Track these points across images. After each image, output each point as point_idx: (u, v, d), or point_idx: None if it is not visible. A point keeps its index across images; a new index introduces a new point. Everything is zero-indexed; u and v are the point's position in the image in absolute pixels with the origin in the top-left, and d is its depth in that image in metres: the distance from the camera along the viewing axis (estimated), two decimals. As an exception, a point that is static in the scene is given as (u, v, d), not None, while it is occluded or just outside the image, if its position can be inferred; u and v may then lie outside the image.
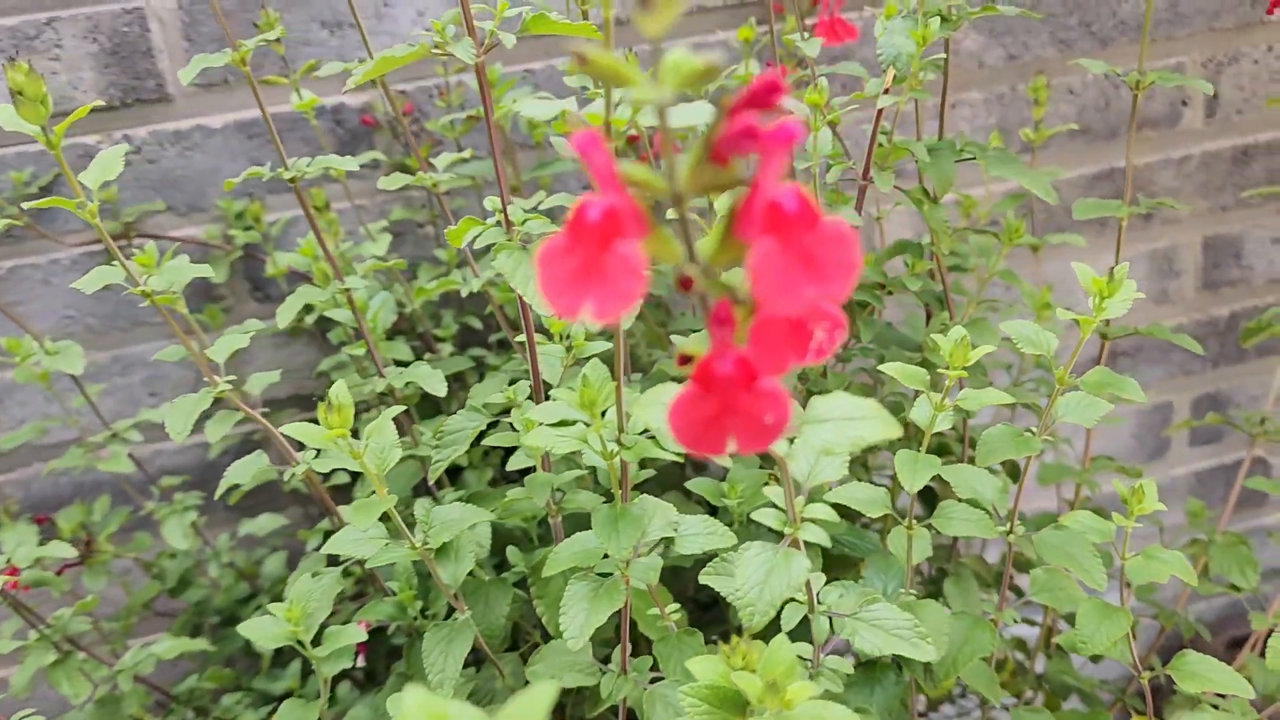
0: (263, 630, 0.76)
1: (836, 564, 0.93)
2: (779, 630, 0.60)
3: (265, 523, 1.14)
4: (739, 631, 0.63)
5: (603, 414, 0.63)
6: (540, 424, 0.65)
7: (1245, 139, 1.58)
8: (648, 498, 0.68)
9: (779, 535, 0.63)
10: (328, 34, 1.28)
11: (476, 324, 1.26)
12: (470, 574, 0.78)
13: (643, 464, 0.81)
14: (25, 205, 0.81)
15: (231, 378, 0.78)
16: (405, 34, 1.30)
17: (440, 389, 0.88)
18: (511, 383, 0.84)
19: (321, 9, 1.27)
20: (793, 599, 0.70)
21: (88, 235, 1.28)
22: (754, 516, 0.63)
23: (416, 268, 1.30)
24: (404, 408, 0.96)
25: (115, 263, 0.73)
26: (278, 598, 1.18)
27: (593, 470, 0.86)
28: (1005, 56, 1.46)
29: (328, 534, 1.06)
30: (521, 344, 0.87)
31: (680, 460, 0.73)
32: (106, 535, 1.13)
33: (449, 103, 1.26)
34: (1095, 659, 0.96)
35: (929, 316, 1.02)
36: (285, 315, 0.86)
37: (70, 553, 0.95)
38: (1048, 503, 1.58)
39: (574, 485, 0.83)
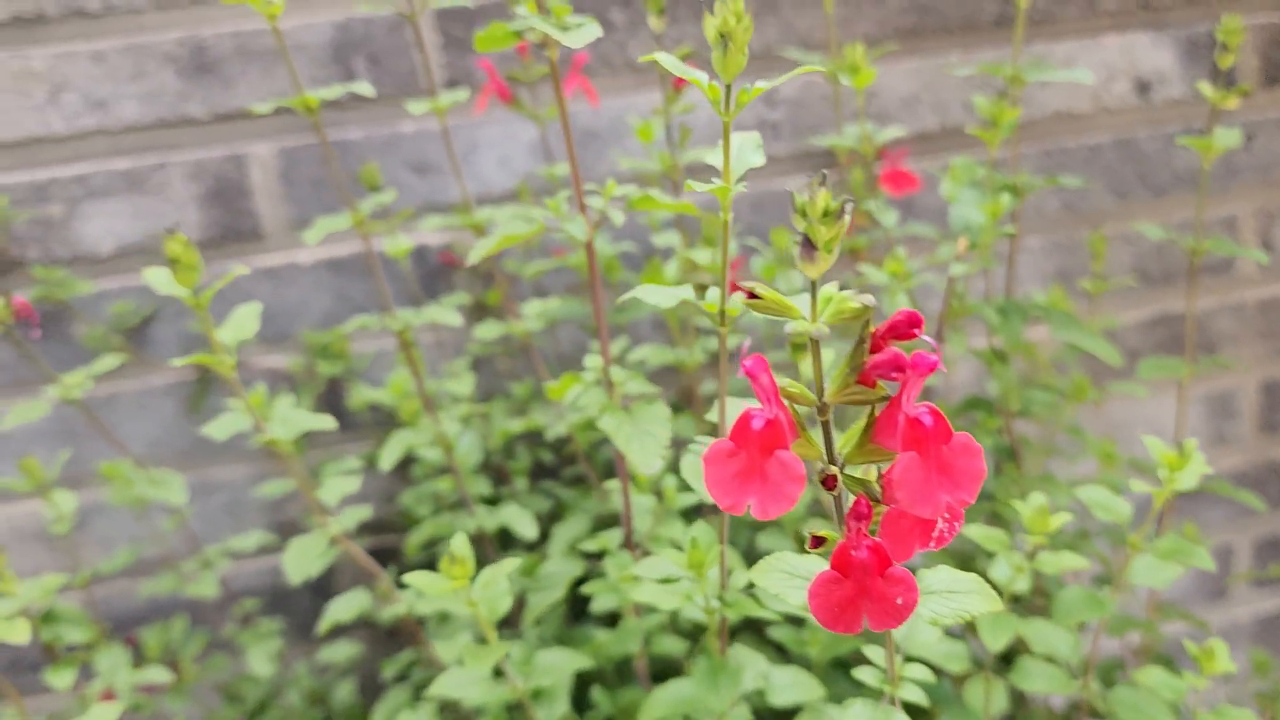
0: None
1: (910, 711, 0.94)
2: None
3: (343, 650, 1.17)
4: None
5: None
6: (644, 579, 0.69)
7: (1299, 285, 1.62)
8: (740, 648, 0.71)
9: (872, 690, 0.66)
10: (416, 177, 1.36)
11: (548, 457, 1.30)
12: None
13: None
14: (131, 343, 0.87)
15: (340, 518, 0.82)
16: (488, 178, 1.37)
17: (531, 532, 0.92)
18: (596, 526, 0.88)
19: (410, 154, 1.35)
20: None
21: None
22: (854, 674, 0.65)
23: (490, 399, 1.35)
24: (509, 558, 1.00)
25: (240, 409, 0.79)
26: (353, 724, 1.21)
27: (673, 614, 0.89)
28: (1063, 206, 1.51)
29: (411, 664, 1.09)
30: (609, 490, 0.92)
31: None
32: (190, 657, 1.17)
33: (528, 244, 1.33)
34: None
35: (998, 468, 1.06)
36: (389, 460, 0.90)
37: (166, 677, 0.99)
38: (1107, 642, 1.58)
39: (658, 630, 0.86)
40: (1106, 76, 1.51)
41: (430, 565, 1.25)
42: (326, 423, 0.79)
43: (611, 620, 1.05)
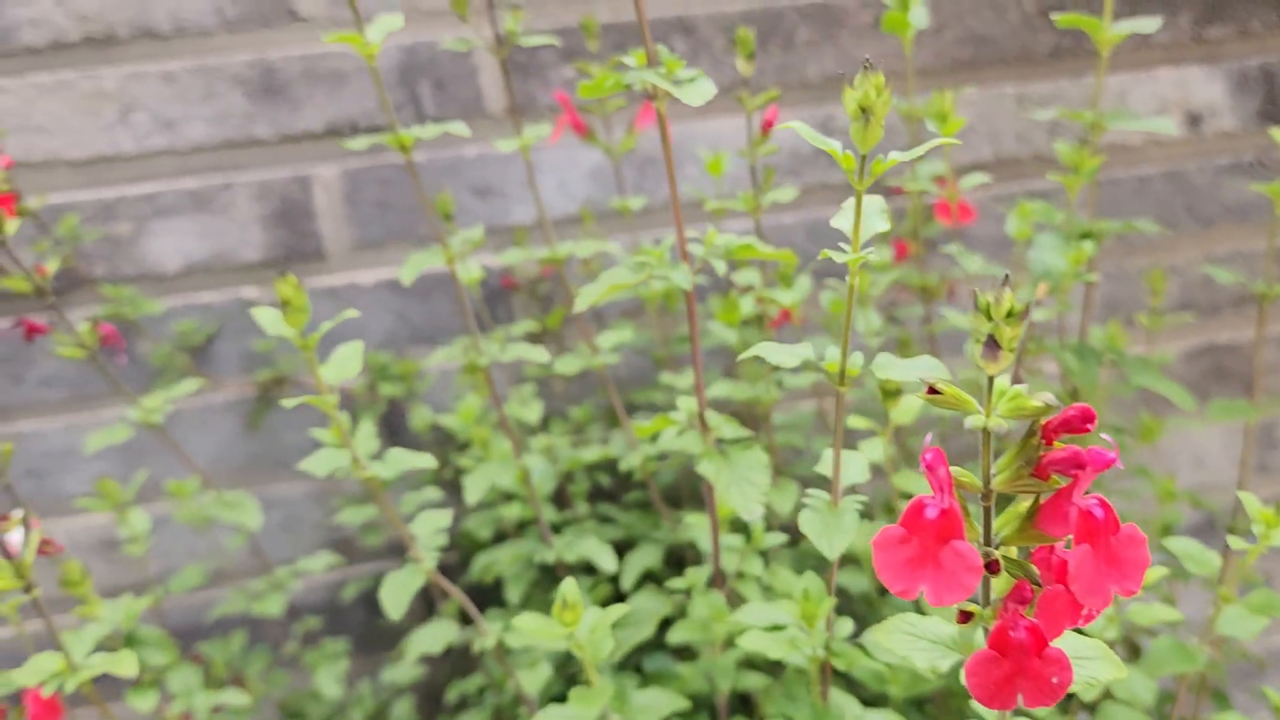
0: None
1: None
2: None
3: (408, 671, 1.18)
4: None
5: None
6: (752, 626, 0.70)
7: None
8: (837, 692, 0.73)
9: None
10: (477, 200, 1.37)
11: (605, 481, 1.31)
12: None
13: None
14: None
15: (434, 553, 0.84)
16: (548, 202, 1.39)
17: (611, 566, 0.93)
18: (668, 556, 0.89)
19: (473, 178, 1.37)
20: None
21: (243, 381, 1.36)
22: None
23: (548, 422, 1.36)
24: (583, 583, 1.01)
25: (341, 448, 0.80)
26: (414, 745, 1.22)
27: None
28: (1112, 236, 1.53)
29: (482, 689, 1.10)
30: (679, 520, 0.93)
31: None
32: (255, 675, 1.18)
33: (590, 271, 1.34)
34: None
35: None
36: (474, 493, 0.92)
37: (243, 700, 1.00)
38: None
39: (738, 665, 0.88)
40: (1158, 109, 1.52)
41: (484, 588, 1.27)
42: (426, 461, 0.80)
43: (677, 652, 1.06)
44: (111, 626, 0.95)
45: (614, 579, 1.19)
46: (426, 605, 1.39)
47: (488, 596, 1.27)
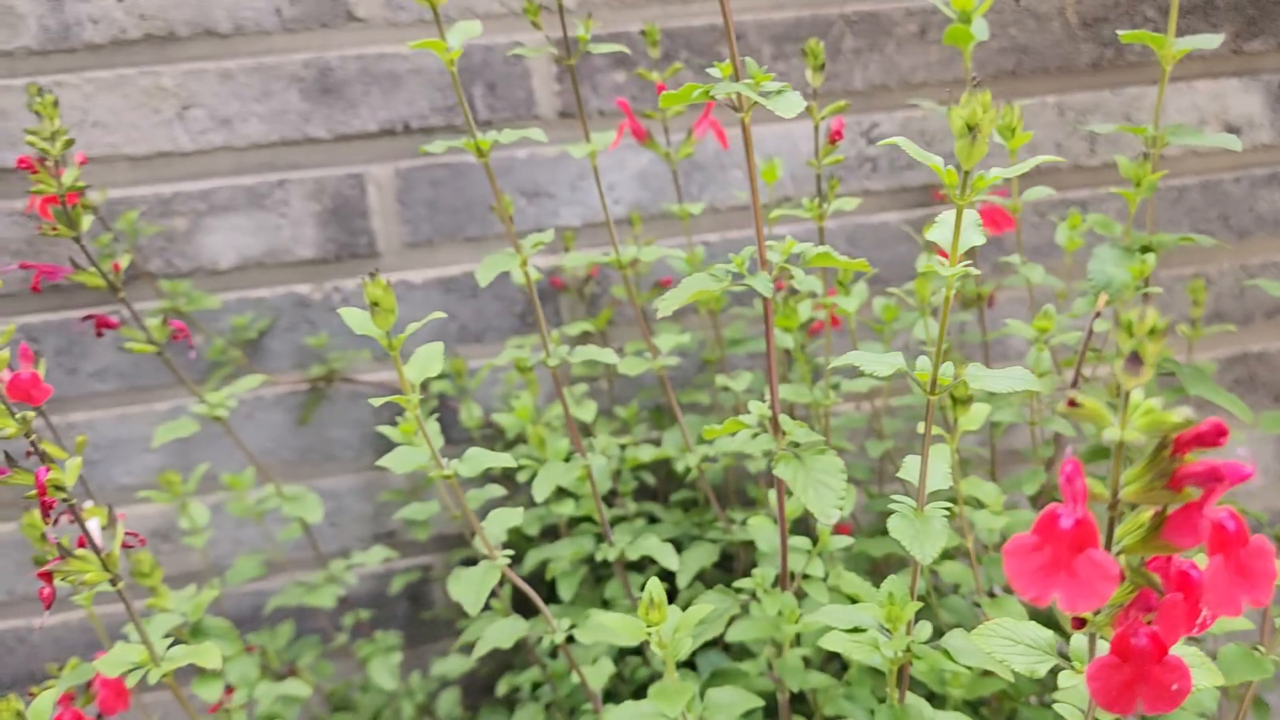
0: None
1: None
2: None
3: (456, 664, 1.20)
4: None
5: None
6: (832, 627, 0.72)
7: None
8: (913, 696, 0.75)
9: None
10: (526, 202, 1.39)
11: (649, 480, 1.33)
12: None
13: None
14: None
15: (509, 553, 0.85)
16: (596, 205, 1.40)
17: (674, 563, 0.95)
18: (724, 555, 0.90)
19: (523, 180, 1.38)
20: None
21: (294, 376, 1.37)
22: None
23: (594, 423, 1.38)
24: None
25: (418, 444, 0.82)
26: (466, 738, 1.24)
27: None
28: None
29: (536, 685, 1.12)
30: (742, 525, 0.95)
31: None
32: (306, 665, 1.20)
33: (638, 273, 1.36)
34: None
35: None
36: (542, 490, 0.93)
37: (305, 692, 1.02)
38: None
39: (803, 664, 0.89)
40: (1197, 120, 1.54)
41: (530, 583, 1.28)
42: (505, 461, 0.82)
43: (726, 649, 1.08)
44: (181, 617, 0.97)
45: (664, 576, 1.21)
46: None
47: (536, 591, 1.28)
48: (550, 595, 1.29)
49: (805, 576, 0.89)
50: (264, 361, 1.36)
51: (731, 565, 1.24)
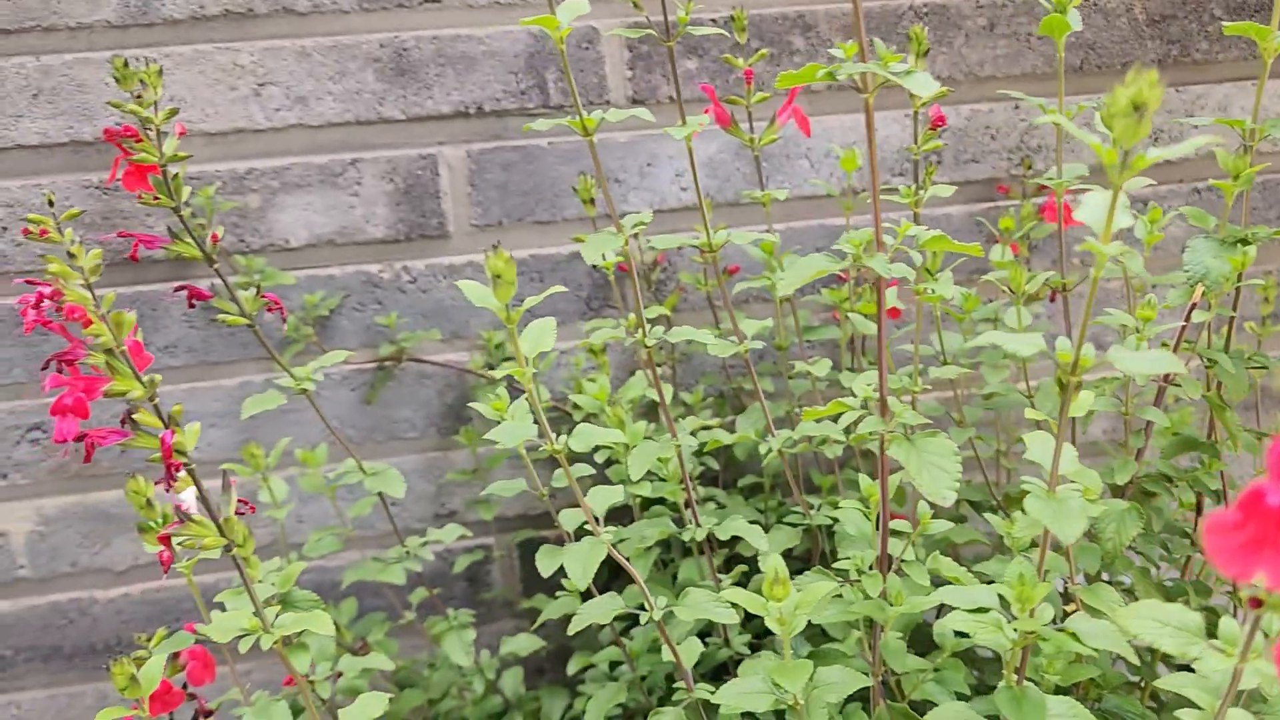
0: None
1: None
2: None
3: (525, 643, 1.21)
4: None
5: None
6: (957, 607, 0.73)
7: None
8: (1029, 684, 0.75)
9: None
10: (597, 187, 1.40)
11: (714, 465, 1.33)
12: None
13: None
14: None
15: (613, 528, 0.86)
16: (663, 191, 1.41)
17: (763, 544, 0.96)
18: (805, 539, 0.90)
19: (589, 165, 1.39)
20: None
21: (365, 355, 1.38)
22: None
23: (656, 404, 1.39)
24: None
25: (536, 422, 0.82)
26: (532, 715, 1.25)
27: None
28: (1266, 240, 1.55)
29: (614, 664, 1.12)
30: (812, 507, 0.96)
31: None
32: (375, 641, 1.21)
33: (709, 260, 1.36)
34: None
35: (1199, 505, 1.09)
36: (637, 469, 0.94)
37: (390, 667, 1.03)
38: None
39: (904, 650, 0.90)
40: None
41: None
42: (616, 436, 0.82)
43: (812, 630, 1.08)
44: (271, 587, 0.98)
45: (734, 561, 1.22)
46: (481, 576, 1.42)
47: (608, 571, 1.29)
48: (611, 578, 1.30)
49: (903, 560, 0.89)
50: (332, 339, 1.37)
51: (809, 551, 1.25)
